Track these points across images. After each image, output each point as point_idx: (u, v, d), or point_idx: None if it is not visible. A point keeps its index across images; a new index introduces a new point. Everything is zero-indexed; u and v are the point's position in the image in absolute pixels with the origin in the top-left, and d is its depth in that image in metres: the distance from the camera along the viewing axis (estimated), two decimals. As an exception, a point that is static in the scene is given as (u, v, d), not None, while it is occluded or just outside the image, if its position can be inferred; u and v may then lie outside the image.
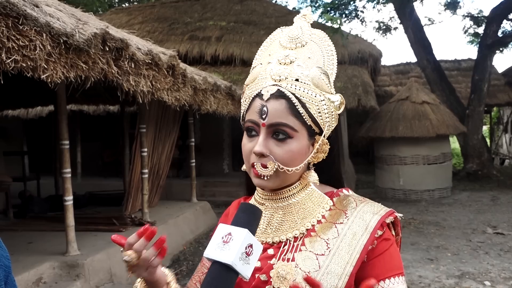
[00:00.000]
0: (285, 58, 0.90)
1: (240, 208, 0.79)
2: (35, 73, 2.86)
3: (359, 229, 0.87)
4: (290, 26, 0.97)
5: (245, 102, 0.94)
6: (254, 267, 0.74)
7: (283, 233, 0.91)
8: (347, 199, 0.93)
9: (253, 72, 0.94)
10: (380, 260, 0.86)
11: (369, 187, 10.94)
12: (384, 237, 0.88)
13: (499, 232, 6.51)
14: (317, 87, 0.89)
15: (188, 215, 6.97)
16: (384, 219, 0.88)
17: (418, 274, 4.81)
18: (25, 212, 6.76)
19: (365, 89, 9.99)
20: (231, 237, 0.72)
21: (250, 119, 0.89)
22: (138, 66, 4.15)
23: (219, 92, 6.73)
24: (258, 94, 0.89)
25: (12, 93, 7.09)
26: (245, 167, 0.96)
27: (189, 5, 13.52)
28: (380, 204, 0.93)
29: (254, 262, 0.73)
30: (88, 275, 4.21)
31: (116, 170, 10.44)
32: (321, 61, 0.92)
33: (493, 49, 12.00)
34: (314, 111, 0.88)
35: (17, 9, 2.60)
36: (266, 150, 0.87)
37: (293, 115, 0.87)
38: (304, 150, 0.89)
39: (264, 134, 0.87)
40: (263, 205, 0.96)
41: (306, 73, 0.89)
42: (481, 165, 11.76)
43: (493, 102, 14.45)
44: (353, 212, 0.90)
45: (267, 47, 0.98)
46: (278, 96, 0.87)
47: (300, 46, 0.92)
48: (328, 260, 0.85)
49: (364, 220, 0.88)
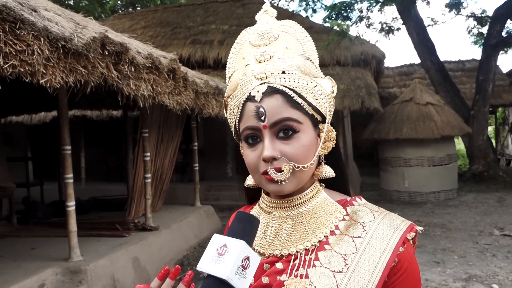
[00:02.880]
0: (262, 54, 0.84)
1: (236, 218, 0.74)
2: (33, 78, 2.84)
3: (379, 245, 0.80)
4: (254, 25, 0.91)
5: (234, 112, 0.87)
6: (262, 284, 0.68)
7: (292, 245, 0.84)
8: (362, 209, 0.87)
9: (232, 81, 0.88)
10: (401, 281, 0.80)
11: (373, 190, 10.87)
12: (406, 253, 0.81)
13: (506, 234, 6.42)
14: (306, 74, 0.84)
15: (191, 219, 6.94)
16: (405, 235, 0.82)
17: (425, 277, 4.74)
18: (29, 218, 6.75)
19: (368, 91, 9.93)
20: (227, 249, 0.68)
21: (247, 126, 0.82)
22: (138, 70, 4.13)
23: (221, 96, 6.71)
24: (248, 98, 0.82)
25: (16, 99, 7.11)
26: (251, 181, 0.90)
27: (192, 9, 13.56)
28: (398, 216, 0.86)
29: (251, 276, 0.69)
30: (91, 281, 4.18)
31: (119, 175, 10.45)
32: (300, 48, 0.87)
33: (497, 49, 11.91)
34: (312, 99, 0.83)
35: (14, 14, 2.58)
36: (276, 152, 0.80)
37: (293, 107, 0.81)
38: (313, 142, 0.84)
39: (269, 136, 0.80)
40: (270, 213, 0.89)
41: (290, 63, 0.84)
42: (487, 166, 11.66)
43: (498, 102, 14.36)
44: (371, 226, 0.83)
45: (237, 52, 0.92)
46: (271, 93, 0.81)
47: (273, 40, 0.86)
48: (346, 279, 0.78)
49: (385, 235, 0.81)
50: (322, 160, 0.88)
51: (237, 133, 0.88)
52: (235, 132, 0.90)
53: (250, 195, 1.01)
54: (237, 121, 0.86)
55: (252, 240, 0.73)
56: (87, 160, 10.76)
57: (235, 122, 0.87)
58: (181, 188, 9.27)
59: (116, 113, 9.68)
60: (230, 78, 0.89)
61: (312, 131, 0.84)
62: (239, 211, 0.80)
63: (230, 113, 0.89)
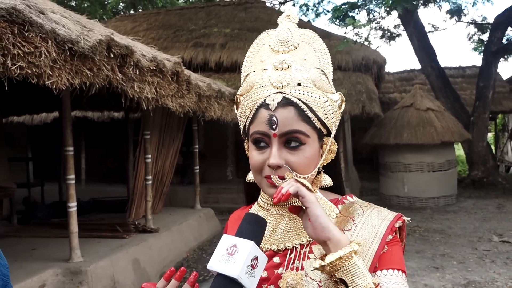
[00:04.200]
0: (281, 63, 0.88)
1: (245, 219, 0.77)
2: (40, 80, 2.86)
3: (368, 236, 0.85)
4: (276, 28, 0.94)
5: (246, 113, 0.91)
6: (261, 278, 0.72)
7: (289, 240, 0.90)
8: (352, 206, 0.92)
9: (248, 81, 0.91)
10: (383, 256, 0.84)
11: (373, 194, 10.88)
12: (393, 242, 0.87)
13: (505, 240, 6.44)
14: (319, 88, 0.87)
15: (191, 221, 6.95)
16: (393, 224, 0.87)
17: (424, 282, 4.76)
18: (29, 218, 6.76)
19: (369, 96, 9.97)
20: (236, 249, 0.71)
21: (258, 131, 0.86)
22: (143, 73, 4.16)
23: (223, 99, 6.75)
24: (262, 104, 0.86)
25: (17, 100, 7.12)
26: (251, 177, 0.94)
27: (194, 12, 13.60)
28: (386, 209, 0.91)
29: (259, 275, 0.72)
30: (91, 282, 4.20)
31: (120, 176, 10.45)
32: (317, 61, 0.90)
33: (497, 56, 11.97)
34: (321, 114, 0.87)
35: (23, 16, 2.61)
36: (282, 161, 0.84)
37: (303, 121, 0.85)
38: (316, 154, 0.88)
39: (277, 144, 0.85)
40: (268, 211, 0.94)
41: (306, 75, 0.87)
42: (486, 172, 11.68)
43: (498, 109, 14.40)
44: (360, 219, 0.88)
45: (256, 52, 0.95)
46: (285, 104, 0.85)
47: (293, 48, 0.90)
48: None
49: (373, 226, 0.87)
50: (321, 170, 0.93)
51: (246, 133, 0.92)
52: (243, 131, 0.94)
53: (250, 193, 1.05)
54: (247, 122, 0.90)
55: (260, 240, 0.76)
56: (88, 161, 10.76)
57: (246, 122, 0.91)
58: (181, 190, 9.28)
59: (117, 115, 9.69)
60: (245, 78, 0.93)
61: (316, 144, 0.88)
62: (247, 212, 0.83)
63: (241, 112, 0.93)
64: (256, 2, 13.50)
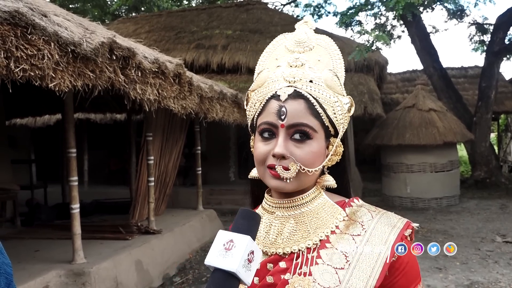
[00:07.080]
0: (295, 60, 0.90)
1: (239, 214, 0.78)
2: (43, 82, 2.88)
3: (378, 242, 0.85)
4: (293, 32, 0.96)
5: (256, 106, 0.92)
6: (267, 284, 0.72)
7: (295, 243, 0.88)
8: (360, 209, 0.91)
9: (260, 77, 0.93)
10: (403, 275, 0.85)
11: (376, 195, 10.87)
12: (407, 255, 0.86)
13: (508, 241, 6.42)
14: (330, 88, 0.89)
15: (194, 223, 6.96)
16: (403, 232, 0.87)
17: (427, 283, 4.75)
18: (32, 220, 6.78)
19: (371, 96, 9.97)
20: (233, 244, 0.72)
21: (266, 121, 0.87)
22: (145, 75, 4.18)
23: (225, 100, 6.75)
24: (273, 96, 0.87)
25: (21, 102, 7.16)
26: (255, 173, 0.94)
27: (196, 14, 13.63)
28: (395, 215, 0.91)
29: (255, 269, 0.73)
30: (94, 284, 4.21)
31: (122, 178, 10.47)
32: (330, 64, 0.92)
33: (500, 56, 11.95)
34: (330, 112, 0.88)
35: (26, 19, 2.63)
36: (287, 151, 0.84)
37: (312, 115, 0.86)
38: (322, 152, 0.89)
39: (284, 135, 0.85)
40: (273, 213, 0.93)
41: (319, 75, 0.89)
42: (489, 172, 11.66)
43: (500, 109, 14.36)
44: (370, 224, 0.87)
45: (271, 52, 0.96)
46: (296, 96, 0.86)
47: (308, 49, 0.92)
48: (348, 274, 0.81)
49: (383, 232, 0.86)
50: (325, 170, 0.93)
51: (253, 126, 0.93)
52: (251, 125, 0.95)
53: (255, 195, 1.04)
54: (256, 115, 0.91)
55: (255, 235, 0.77)
56: (90, 163, 10.78)
57: (254, 115, 0.92)
58: (184, 192, 9.29)
59: (119, 117, 9.71)
60: (258, 74, 0.94)
61: (323, 142, 0.88)
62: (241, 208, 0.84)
63: (250, 106, 0.94)
64: (257, 3, 13.54)
